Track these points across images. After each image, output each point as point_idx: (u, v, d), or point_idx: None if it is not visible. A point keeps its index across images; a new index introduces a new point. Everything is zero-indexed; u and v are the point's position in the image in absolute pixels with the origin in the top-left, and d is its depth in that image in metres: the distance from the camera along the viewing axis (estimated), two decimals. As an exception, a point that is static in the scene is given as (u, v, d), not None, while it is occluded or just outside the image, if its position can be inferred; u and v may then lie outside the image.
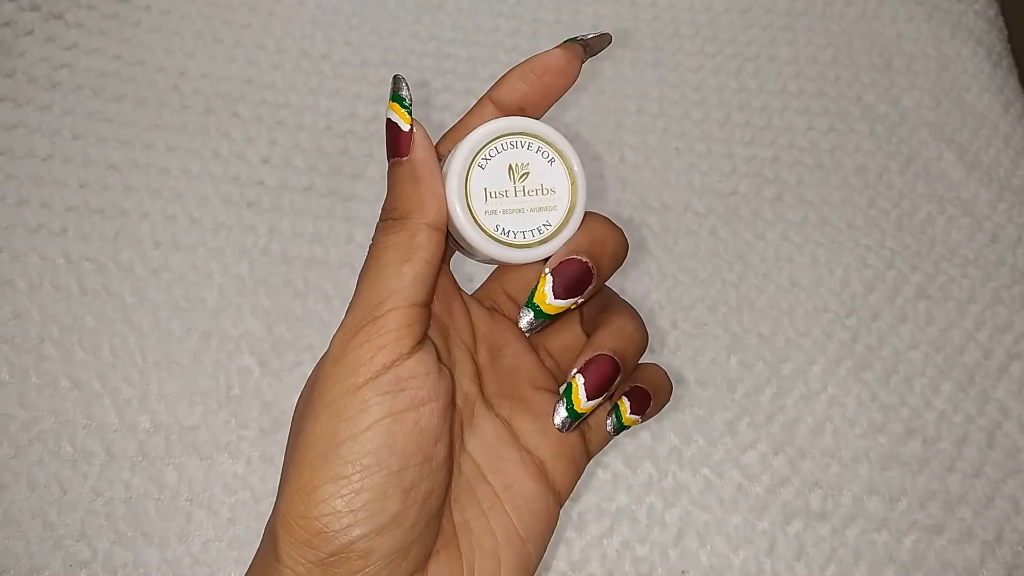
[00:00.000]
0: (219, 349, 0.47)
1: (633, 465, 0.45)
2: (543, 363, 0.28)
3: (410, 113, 0.23)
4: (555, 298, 0.23)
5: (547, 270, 0.23)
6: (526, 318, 0.24)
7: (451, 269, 0.27)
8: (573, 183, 0.24)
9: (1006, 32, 0.64)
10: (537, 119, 0.24)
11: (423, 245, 0.22)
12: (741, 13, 0.63)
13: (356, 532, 0.21)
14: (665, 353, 0.48)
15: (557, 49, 0.24)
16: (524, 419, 0.26)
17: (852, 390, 0.48)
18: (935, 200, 0.55)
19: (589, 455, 0.27)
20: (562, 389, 0.25)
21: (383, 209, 0.23)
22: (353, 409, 0.21)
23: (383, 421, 0.21)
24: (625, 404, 0.26)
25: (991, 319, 0.50)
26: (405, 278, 0.22)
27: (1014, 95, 0.60)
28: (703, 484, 0.45)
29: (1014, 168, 0.56)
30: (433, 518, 0.23)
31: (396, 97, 0.23)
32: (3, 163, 0.51)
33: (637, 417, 0.26)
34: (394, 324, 0.22)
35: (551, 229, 0.24)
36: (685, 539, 0.43)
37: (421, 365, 0.22)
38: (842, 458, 0.45)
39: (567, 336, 0.29)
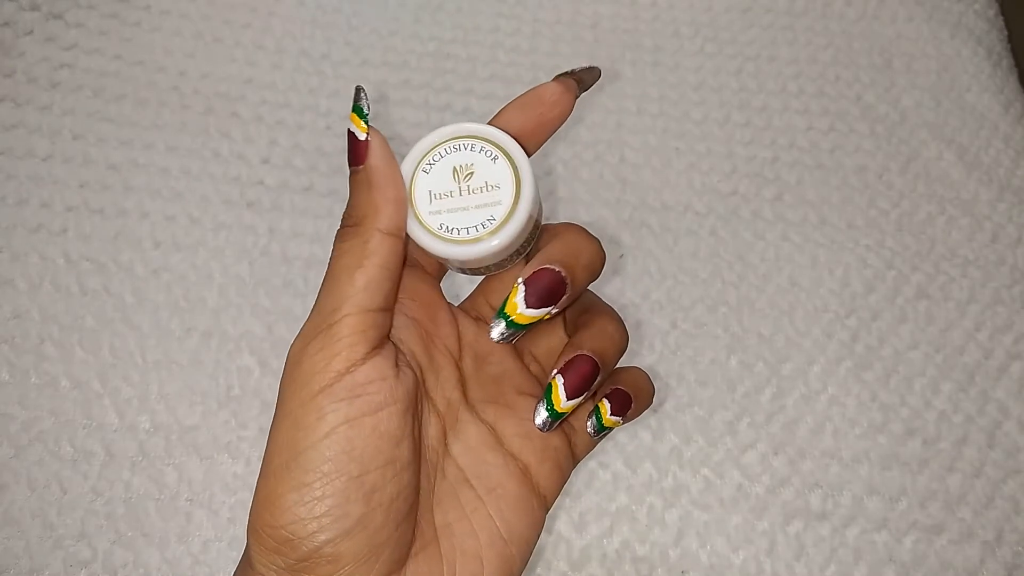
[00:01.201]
0: (219, 349, 0.47)
1: (633, 465, 0.45)
2: (528, 369, 0.28)
3: (367, 122, 0.23)
4: (527, 308, 0.23)
5: (519, 280, 0.24)
6: (497, 328, 0.24)
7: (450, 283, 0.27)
8: (517, 178, 0.24)
9: (1006, 32, 0.64)
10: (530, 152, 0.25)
11: (376, 250, 0.22)
12: (741, 13, 0.63)
13: (321, 538, 0.21)
14: (665, 353, 0.48)
15: (552, 83, 0.25)
16: (508, 424, 0.26)
17: (852, 390, 0.48)
18: (935, 200, 0.55)
19: (575, 459, 0.28)
20: (544, 390, 0.25)
21: (341, 218, 0.24)
22: (310, 417, 0.21)
23: (340, 428, 0.21)
24: (606, 405, 0.26)
25: (991, 319, 0.50)
26: (357, 284, 0.22)
27: (1014, 95, 0.60)
28: (703, 484, 0.45)
29: (1014, 168, 0.56)
30: (404, 520, 0.23)
31: (355, 108, 0.23)
32: (3, 163, 0.51)
33: (618, 419, 0.26)
34: (347, 331, 0.22)
35: (495, 223, 0.24)
36: (685, 539, 0.43)
37: (376, 370, 0.22)
38: (842, 458, 0.45)
39: (552, 340, 0.29)
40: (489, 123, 0.25)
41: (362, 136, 0.23)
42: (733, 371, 0.48)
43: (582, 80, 0.26)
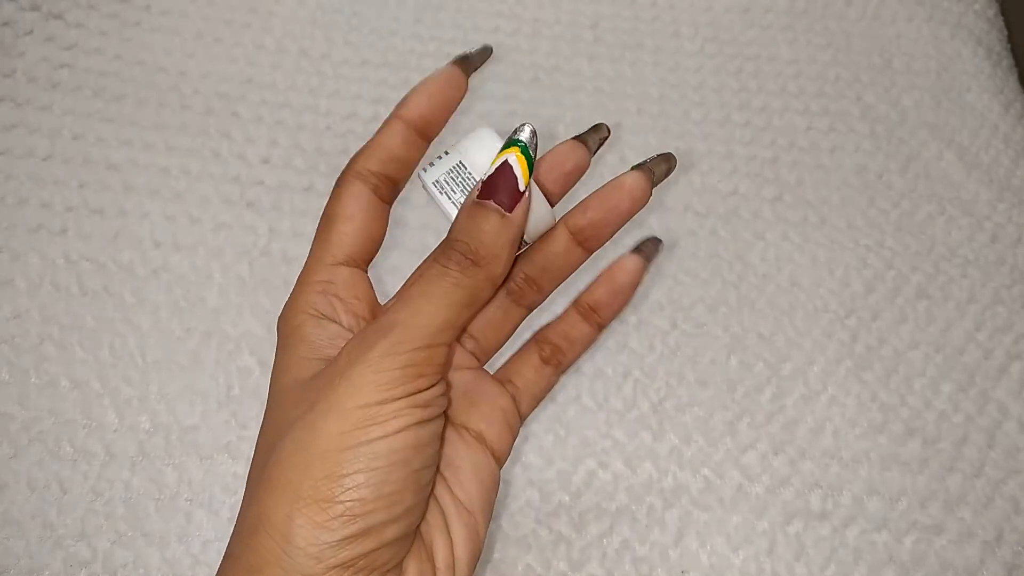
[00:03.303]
0: (219, 349, 0.47)
1: (633, 465, 0.45)
2: (463, 347, 0.30)
3: (531, 171, 0.23)
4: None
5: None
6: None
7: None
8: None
9: (1006, 32, 0.64)
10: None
11: (487, 298, 0.24)
12: (741, 13, 0.63)
13: (376, 519, 0.22)
14: (665, 353, 0.48)
15: (448, 65, 0.27)
16: (452, 397, 0.28)
17: (852, 390, 0.48)
18: (935, 200, 0.55)
19: (522, 416, 0.30)
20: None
21: (456, 239, 0.24)
22: (383, 416, 0.22)
23: (412, 427, 0.22)
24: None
25: (991, 319, 0.50)
26: (460, 320, 0.23)
27: (1014, 95, 0.60)
28: (703, 484, 0.45)
29: (1014, 168, 0.56)
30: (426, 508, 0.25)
31: (523, 149, 0.23)
32: (3, 163, 0.51)
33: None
34: (440, 359, 0.23)
35: None
36: (685, 539, 0.43)
37: (444, 386, 0.24)
38: (842, 458, 0.45)
39: (490, 311, 0.30)
40: (396, 110, 0.27)
41: (523, 187, 0.23)
42: (733, 371, 0.48)
43: (471, 60, 0.27)
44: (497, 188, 0.23)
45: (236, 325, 0.47)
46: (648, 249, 0.30)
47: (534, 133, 0.23)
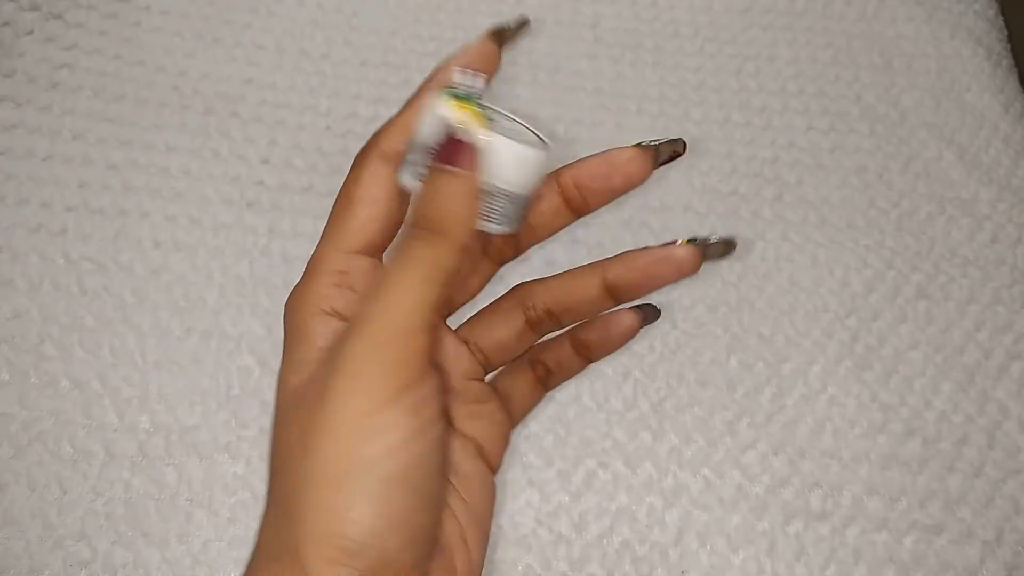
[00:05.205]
0: (219, 349, 0.47)
1: (633, 465, 0.45)
2: (473, 356, 0.29)
3: (480, 110, 0.22)
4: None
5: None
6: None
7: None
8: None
9: (1006, 32, 0.64)
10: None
11: (456, 267, 0.22)
12: (741, 13, 0.63)
13: (389, 546, 0.20)
14: (665, 353, 0.48)
15: (481, 37, 0.25)
16: (457, 407, 0.27)
17: (852, 390, 0.48)
18: (935, 200, 0.55)
19: (513, 426, 0.30)
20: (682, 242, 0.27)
21: (412, 215, 0.22)
22: (377, 429, 0.21)
23: (409, 440, 0.21)
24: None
25: (991, 319, 0.50)
26: (432, 298, 0.21)
27: (1014, 95, 0.60)
28: (703, 484, 0.45)
29: (1014, 168, 0.56)
30: (440, 520, 0.24)
31: (463, 95, 0.21)
32: (3, 163, 0.51)
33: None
34: (419, 345, 0.21)
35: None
36: (685, 539, 0.43)
37: (435, 381, 0.22)
38: (842, 458, 0.45)
39: (502, 332, 0.29)
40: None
41: (482, 136, 0.21)
42: (733, 371, 0.48)
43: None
44: (439, 149, 0.21)
45: (236, 325, 0.47)
46: (648, 314, 0.30)
47: (465, 71, 0.22)
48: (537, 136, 0.24)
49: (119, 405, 0.45)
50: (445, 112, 0.21)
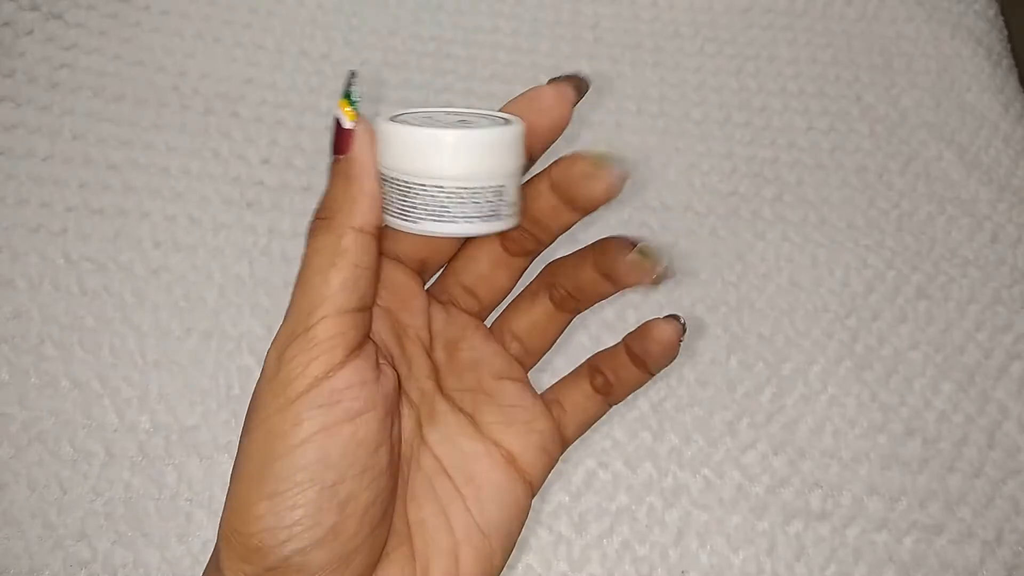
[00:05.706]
0: (219, 349, 0.47)
1: (633, 465, 0.45)
2: (506, 351, 0.27)
3: (356, 111, 0.22)
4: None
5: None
6: None
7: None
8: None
9: (1006, 32, 0.64)
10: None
11: (350, 248, 0.21)
12: (741, 13, 0.63)
13: (292, 547, 0.20)
14: (665, 353, 0.48)
15: (547, 86, 0.25)
16: (488, 411, 0.26)
17: (852, 390, 0.48)
18: (935, 200, 0.55)
19: (565, 442, 0.27)
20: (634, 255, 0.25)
21: (315, 210, 0.23)
22: (286, 424, 0.20)
23: (316, 436, 0.20)
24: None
25: (991, 319, 0.50)
26: (332, 284, 0.21)
27: (1014, 95, 0.60)
28: (703, 484, 0.44)
29: (1014, 168, 0.56)
30: (378, 525, 0.22)
31: (345, 94, 0.22)
32: (3, 163, 0.51)
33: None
34: (325, 334, 0.21)
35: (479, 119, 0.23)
36: (685, 539, 0.43)
37: (356, 374, 0.21)
38: (842, 458, 0.45)
39: (535, 314, 0.28)
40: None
41: (348, 124, 0.22)
42: (733, 371, 0.48)
43: (578, 87, 0.25)
44: (334, 140, 0.22)
45: (236, 325, 0.47)
46: (679, 325, 0.28)
47: (351, 74, 0.23)
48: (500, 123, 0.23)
49: (119, 405, 0.45)
50: (336, 112, 0.22)
